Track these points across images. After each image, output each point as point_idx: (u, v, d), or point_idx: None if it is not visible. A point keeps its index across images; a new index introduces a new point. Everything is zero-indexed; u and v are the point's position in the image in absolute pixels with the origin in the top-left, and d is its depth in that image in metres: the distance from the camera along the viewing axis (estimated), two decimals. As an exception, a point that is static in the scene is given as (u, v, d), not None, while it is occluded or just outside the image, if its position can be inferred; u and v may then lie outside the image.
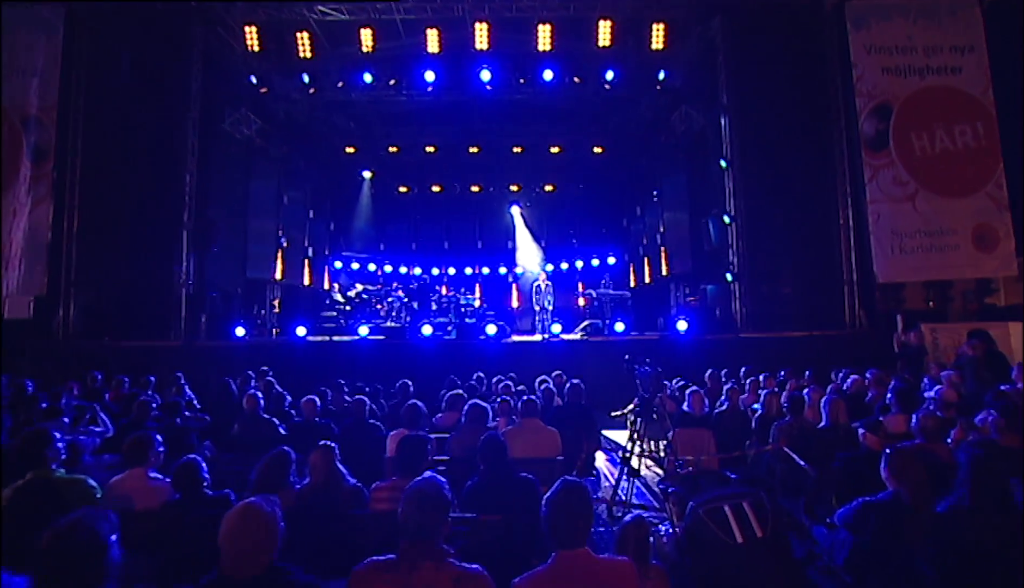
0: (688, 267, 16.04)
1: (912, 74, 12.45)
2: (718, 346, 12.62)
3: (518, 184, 20.08)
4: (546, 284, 14.37)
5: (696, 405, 6.53)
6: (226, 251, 14.36)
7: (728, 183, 13.68)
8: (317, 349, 12.74)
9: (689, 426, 6.35)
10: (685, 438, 6.17)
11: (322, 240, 18.72)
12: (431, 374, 11.59)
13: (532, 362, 12.21)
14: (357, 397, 6.49)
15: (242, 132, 14.69)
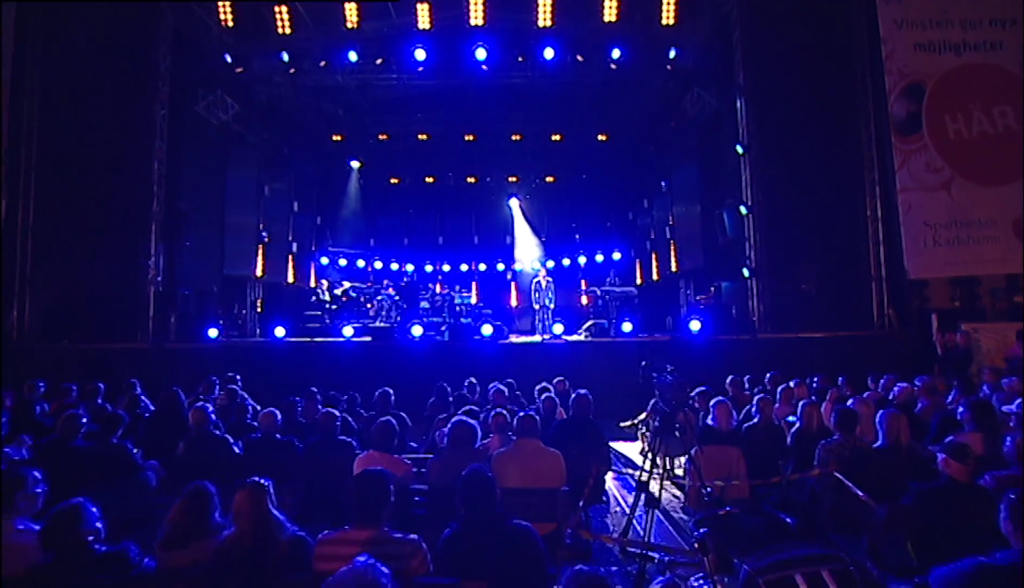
0: (700, 263, 15.24)
1: (947, 50, 11.65)
2: (735, 348, 11.87)
3: (517, 175, 19.28)
4: (547, 280, 13.59)
5: (722, 418, 5.73)
6: (201, 246, 13.56)
7: (745, 171, 12.88)
8: (297, 351, 11.95)
9: (715, 443, 5.55)
10: (710, 457, 5.36)
11: (307, 235, 17.92)
12: (420, 379, 10.87)
13: (531, 365, 11.46)
14: (326, 410, 5.70)
15: (218, 117, 13.87)
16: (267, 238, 15.62)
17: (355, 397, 7.67)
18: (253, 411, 7.10)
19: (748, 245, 12.86)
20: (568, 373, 10.96)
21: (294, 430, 6.28)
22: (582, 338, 12.63)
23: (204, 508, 2.83)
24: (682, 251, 16.12)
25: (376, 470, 2.99)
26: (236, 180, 14.98)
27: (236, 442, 5.37)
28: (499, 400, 6.46)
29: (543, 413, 6.32)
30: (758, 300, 12.66)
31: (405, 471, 4.26)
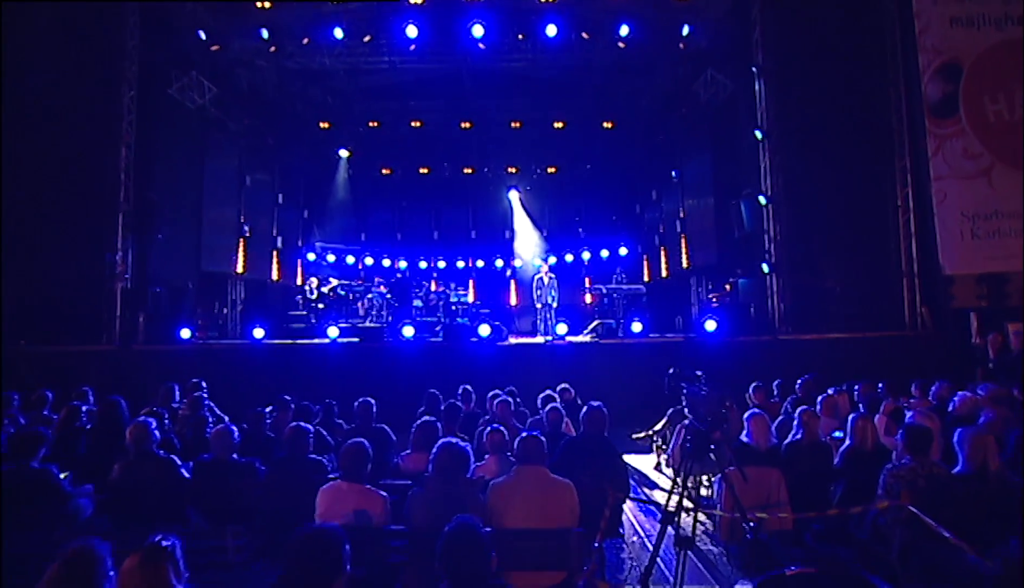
0: (713, 258, 14.49)
1: (987, 24, 10.92)
2: (754, 350, 11.16)
3: (516, 165, 18.49)
4: (549, 277, 12.83)
5: (759, 434, 4.98)
6: (175, 239, 12.81)
7: (764, 158, 12.15)
8: (277, 354, 11.19)
9: (751, 463, 4.78)
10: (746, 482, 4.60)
11: (293, 229, 17.15)
12: (411, 385, 10.15)
13: (533, 369, 10.74)
14: (296, 425, 4.94)
15: (194, 100, 13.10)
16: (248, 232, 14.84)
17: (332, 406, 6.89)
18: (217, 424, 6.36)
19: (767, 238, 12.13)
20: (573, 378, 10.28)
21: (260, 447, 5.54)
22: (588, 339, 11.88)
23: (88, 571, 2.08)
24: (694, 246, 15.37)
25: (326, 532, 2.23)
26: (215, 169, 14.23)
27: (185, 464, 4.61)
28: (503, 413, 5.70)
29: (548, 427, 5.58)
30: (778, 298, 11.93)
31: (382, 508, 3.50)
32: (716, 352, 11.13)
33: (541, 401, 6.50)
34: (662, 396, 10.65)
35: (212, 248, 14.17)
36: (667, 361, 11.04)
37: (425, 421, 4.86)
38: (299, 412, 5.87)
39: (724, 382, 10.29)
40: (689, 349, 11.30)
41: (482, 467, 4.52)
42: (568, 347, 11.43)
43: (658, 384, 10.44)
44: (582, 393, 9.33)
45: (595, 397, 8.56)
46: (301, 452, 4.81)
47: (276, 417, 6.27)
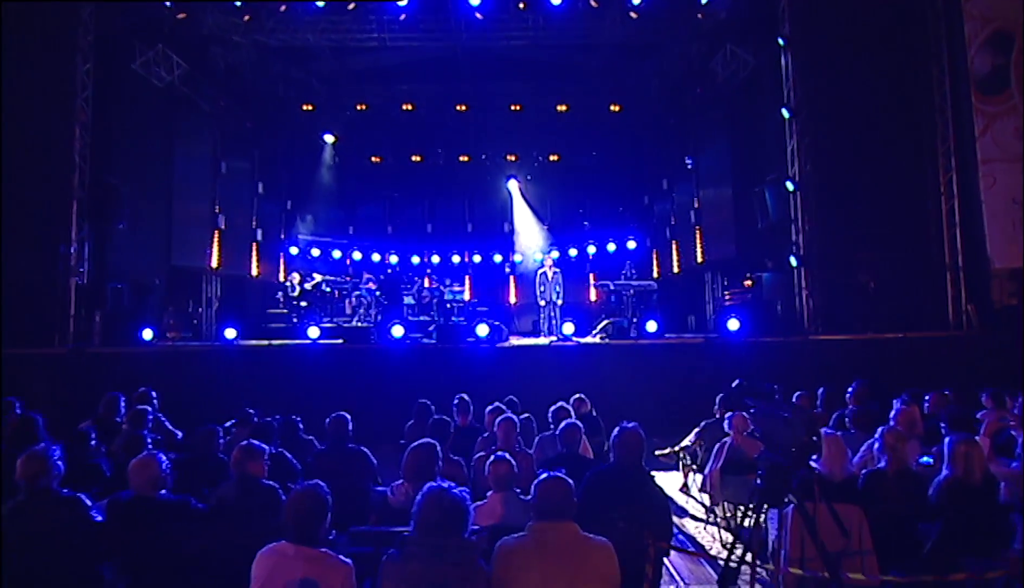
0: (732, 252, 13.54)
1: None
2: (782, 353, 10.20)
3: (516, 153, 17.48)
4: (553, 272, 11.86)
5: (834, 460, 4.01)
6: (141, 230, 11.83)
7: (791, 140, 11.21)
8: (251, 358, 10.21)
9: (826, 499, 3.80)
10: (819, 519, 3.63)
11: (275, 221, 16.13)
12: (400, 393, 9.21)
13: (537, 374, 9.80)
14: (246, 444, 3.99)
15: (161, 77, 12.07)
16: (224, 223, 13.82)
17: (294, 423, 5.91)
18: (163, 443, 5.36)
19: (794, 229, 11.19)
20: (582, 383, 9.34)
21: (207, 475, 4.56)
22: (597, 340, 10.91)
23: None
24: (709, 239, 14.41)
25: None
26: (186, 154, 13.23)
27: (95, 506, 3.61)
28: (507, 436, 4.71)
29: (562, 448, 4.61)
30: (808, 294, 10.97)
31: (342, 581, 2.52)
32: (740, 354, 10.22)
33: (553, 415, 5.52)
34: (684, 404, 9.79)
35: (184, 241, 13.16)
36: (686, 364, 10.17)
37: (422, 445, 3.88)
38: (257, 430, 4.87)
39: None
40: (711, 351, 10.35)
41: (483, 509, 3.54)
42: (576, 349, 10.47)
43: (679, 390, 9.50)
44: (593, 401, 8.45)
45: (607, 405, 7.66)
46: (251, 482, 3.85)
47: (235, 435, 5.28)
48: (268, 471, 4.04)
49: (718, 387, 10.01)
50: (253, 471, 3.92)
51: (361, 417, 9.47)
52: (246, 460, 3.92)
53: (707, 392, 9.94)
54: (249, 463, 3.93)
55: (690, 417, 9.56)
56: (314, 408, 9.02)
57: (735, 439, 5.26)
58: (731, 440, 5.27)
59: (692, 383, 9.93)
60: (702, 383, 9.93)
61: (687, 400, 9.85)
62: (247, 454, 3.94)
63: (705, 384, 9.94)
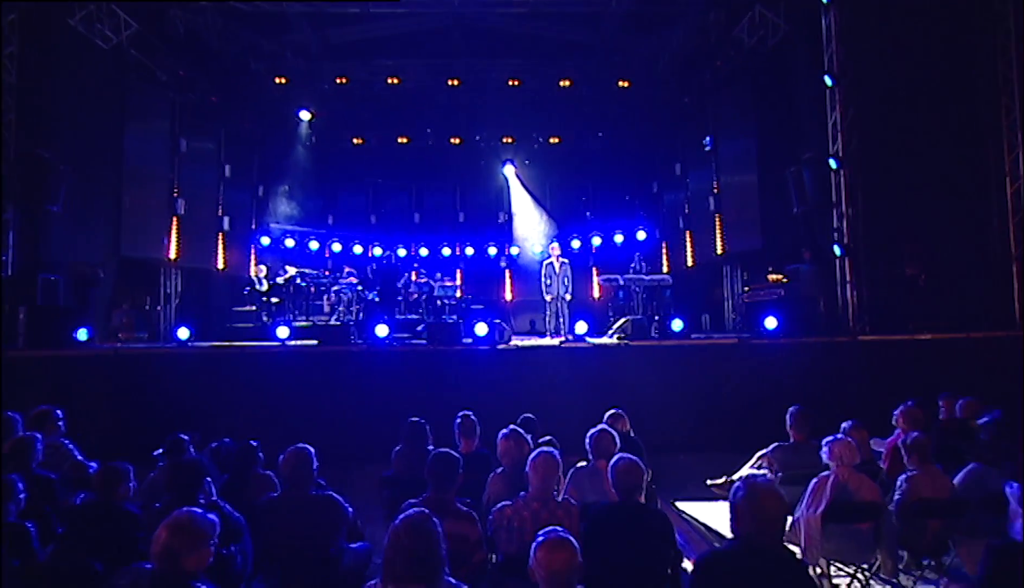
0: (756, 243, 12.31)
1: None
2: (828, 355, 8.96)
3: (512, 135, 16.11)
4: (561, 263, 10.56)
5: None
6: (83, 215, 10.38)
7: (833, 113, 9.98)
8: (207, 363, 8.78)
9: None
10: None
11: (244, 208, 14.66)
12: (385, 406, 7.92)
13: (546, 382, 8.57)
14: (180, 517, 2.61)
15: (107, 37, 10.61)
16: (183, 209, 12.34)
17: (251, 451, 4.54)
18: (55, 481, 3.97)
19: (836, 214, 9.96)
20: (601, 391, 8.16)
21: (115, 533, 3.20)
22: (614, 341, 9.60)
23: None
24: (730, 228, 13.16)
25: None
26: (140, 129, 11.79)
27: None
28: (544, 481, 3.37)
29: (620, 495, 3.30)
30: (854, 289, 9.74)
31: None
32: (779, 357, 8.97)
33: (594, 444, 4.19)
34: (718, 416, 8.52)
35: (136, 228, 11.73)
36: (718, 368, 8.86)
37: (415, 518, 2.47)
38: (184, 470, 3.47)
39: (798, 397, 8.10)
40: (746, 353, 9.10)
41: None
42: (590, 351, 9.16)
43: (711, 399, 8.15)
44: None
45: (632, 417, 6.33)
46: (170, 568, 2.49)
47: (154, 478, 3.90)
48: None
49: (757, 395, 8.82)
50: (188, 566, 2.52)
51: (338, 434, 8.13)
52: (180, 545, 2.52)
53: (745, 401, 8.74)
54: (184, 556, 2.52)
55: (726, 431, 8.41)
56: (281, 425, 7.70)
57: (838, 473, 3.97)
58: (834, 475, 3.98)
59: (726, 391, 8.75)
60: (739, 391, 8.72)
61: (722, 411, 8.63)
62: (179, 536, 2.52)
63: (742, 392, 8.76)
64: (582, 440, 5.96)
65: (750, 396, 8.65)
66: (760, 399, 8.71)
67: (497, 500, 3.98)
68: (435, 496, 3.34)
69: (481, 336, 9.14)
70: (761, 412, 8.67)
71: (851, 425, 4.98)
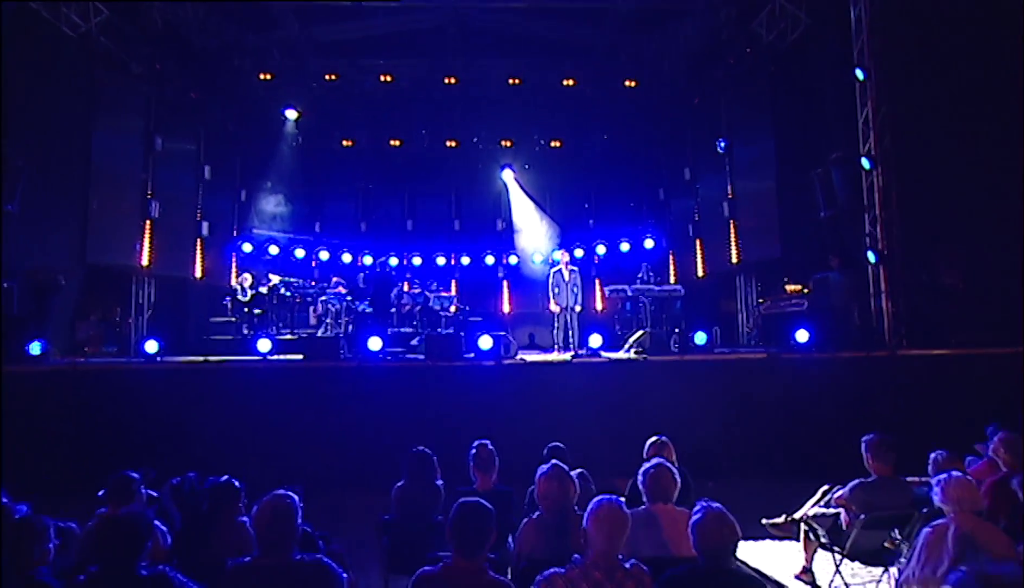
0: (774, 251, 11.60)
1: None
2: (866, 372, 8.23)
3: (511, 138, 15.36)
4: (571, 271, 9.79)
5: None
6: (41, 216, 9.49)
7: (864, 109, 9.37)
8: (179, 380, 7.88)
9: None
10: None
11: (225, 212, 13.78)
12: (377, 428, 7.09)
13: (560, 403, 7.77)
14: None
15: (74, 24, 9.80)
16: (157, 212, 11.46)
17: (230, 492, 3.67)
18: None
19: (869, 218, 9.27)
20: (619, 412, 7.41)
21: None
22: (632, 356, 8.80)
23: None
24: (745, 236, 12.46)
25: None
26: (110, 125, 10.92)
27: None
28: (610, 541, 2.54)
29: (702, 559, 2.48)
30: (888, 299, 9.04)
31: None
32: (813, 373, 8.23)
33: (650, 484, 3.36)
34: (751, 439, 7.74)
35: (104, 232, 10.83)
36: (747, 385, 8.05)
37: None
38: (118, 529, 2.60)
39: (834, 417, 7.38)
40: (777, 369, 8.33)
41: None
42: (606, 367, 8.35)
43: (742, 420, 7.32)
44: (634, 435, 6.43)
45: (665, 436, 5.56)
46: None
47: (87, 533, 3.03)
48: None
49: (789, 414, 8.07)
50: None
51: (326, 459, 7.24)
52: None
53: (776, 422, 7.98)
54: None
55: (758, 454, 7.65)
56: (261, 450, 6.84)
57: (960, 522, 3.17)
58: (954, 525, 3.18)
59: (755, 410, 7.97)
60: (768, 410, 7.96)
61: (751, 432, 7.85)
62: None
63: (773, 411, 8.00)
64: (601, 466, 5.15)
65: (782, 416, 7.92)
66: (793, 419, 7.99)
67: (532, 554, 3.17)
68: (462, 563, 2.51)
69: (485, 350, 8.32)
70: (795, 433, 8.00)
71: (943, 456, 4.21)
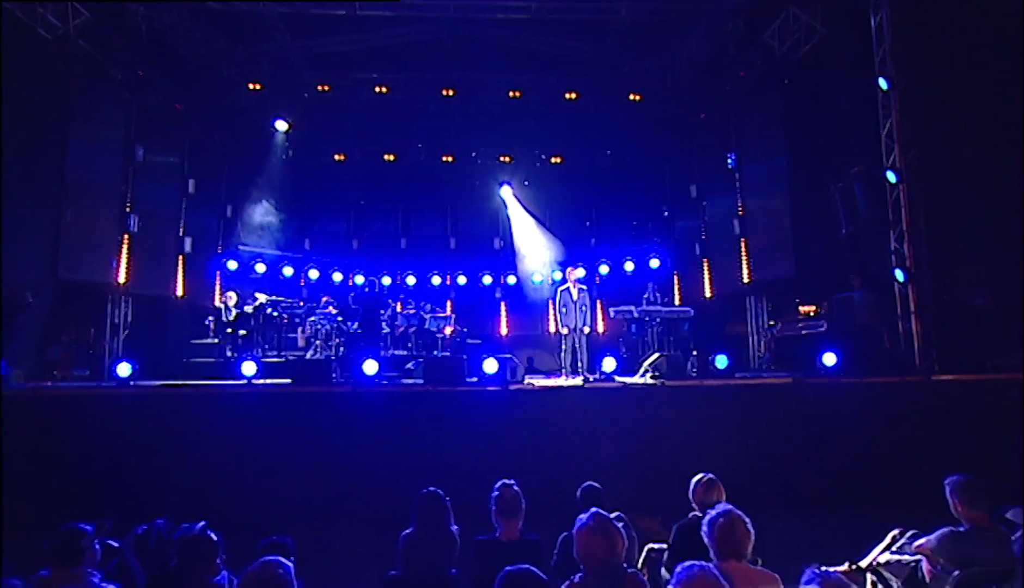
0: (788, 270, 11.13)
1: None
2: (899, 399, 7.70)
3: (511, 154, 14.90)
4: (579, 289, 9.23)
5: None
6: (9, 228, 8.83)
7: (888, 120, 8.96)
8: (154, 407, 7.19)
9: None
10: None
11: (210, 228, 13.15)
12: (375, 461, 6.48)
13: (573, 432, 7.17)
14: None
15: (51, 25, 9.25)
16: (136, 226, 10.83)
17: (205, 546, 3.05)
18: None
19: (894, 234, 8.82)
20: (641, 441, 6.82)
21: None
22: (648, 380, 8.22)
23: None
24: (756, 255, 12.00)
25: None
26: (87, 133, 10.33)
27: None
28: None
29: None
30: (916, 320, 8.55)
31: None
32: (841, 400, 7.68)
33: (720, 536, 2.77)
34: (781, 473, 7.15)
35: (80, 247, 10.17)
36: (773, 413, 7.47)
37: None
38: None
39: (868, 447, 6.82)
40: (804, 396, 7.77)
41: None
42: (621, 393, 7.77)
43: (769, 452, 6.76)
44: (660, 469, 5.98)
45: (676, 475, 5.02)
46: None
47: None
48: None
49: (819, 444, 7.50)
50: None
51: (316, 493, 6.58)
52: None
53: (806, 452, 7.41)
54: None
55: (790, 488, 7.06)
56: (245, 489, 6.19)
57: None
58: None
59: (785, 440, 7.40)
60: (795, 439, 7.39)
61: (779, 463, 7.28)
62: None
63: (801, 441, 7.44)
64: (617, 502, 4.54)
65: (812, 446, 7.37)
66: (824, 449, 7.43)
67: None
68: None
69: (490, 374, 7.71)
70: (826, 465, 7.43)
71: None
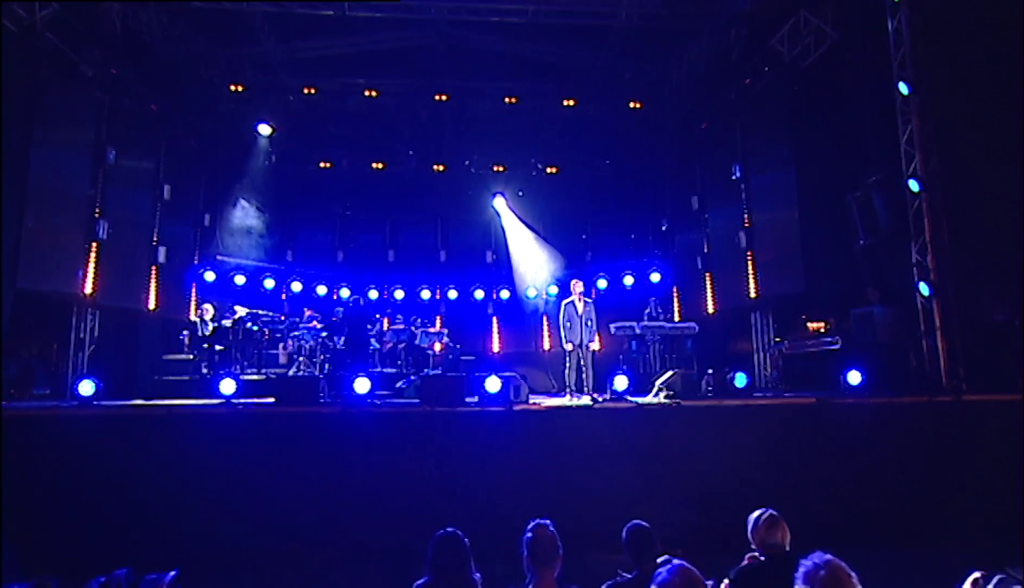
0: (797, 285, 10.70)
1: None
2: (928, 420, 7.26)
3: (504, 163, 14.44)
4: (584, 302, 8.71)
5: None
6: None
7: (907, 126, 8.62)
8: (119, 430, 6.50)
9: None
10: None
11: (186, 237, 12.46)
12: (369, 489, 5.89)
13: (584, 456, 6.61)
14: None
15: (16, 16, 8.63)
16: (105, 233, 10.14)
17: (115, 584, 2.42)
18: None
19: (915, 247, 8.44)
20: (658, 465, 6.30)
21: None
22: (662, 400, 7.69)
23: None
24: (762, 269, 11.59)
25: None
26: (53, 133, 9.63)
27: None
28: None
29: None
30: (942, 337, 8.15)
31: None
32: (868, 422, 7.22)
33: None
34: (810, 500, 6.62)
35: (42, 255, 9.43)
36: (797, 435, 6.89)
37: None
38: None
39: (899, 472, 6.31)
40: (830, 417, 7.30)
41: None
42: (634, 414, 7.23)
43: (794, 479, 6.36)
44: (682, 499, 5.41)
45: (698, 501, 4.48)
46: None
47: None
48: None
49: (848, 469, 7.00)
50: None
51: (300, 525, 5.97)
52: None
53: (837, 478, 6.95)
54: None
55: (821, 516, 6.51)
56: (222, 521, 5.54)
57: None
58: None
59: (810, 464, 6.90)
60: (827, 464, 6.92)
61: (811, 490, 6.81)
62: None
63: (832, 465, 6.97)
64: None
65: (840, 470, 6.90)
66: (853, 474, 6.96)
67: None
68: None
69: (492, 394, 7.13)
70: (856, 491, 6.95)
71: None
